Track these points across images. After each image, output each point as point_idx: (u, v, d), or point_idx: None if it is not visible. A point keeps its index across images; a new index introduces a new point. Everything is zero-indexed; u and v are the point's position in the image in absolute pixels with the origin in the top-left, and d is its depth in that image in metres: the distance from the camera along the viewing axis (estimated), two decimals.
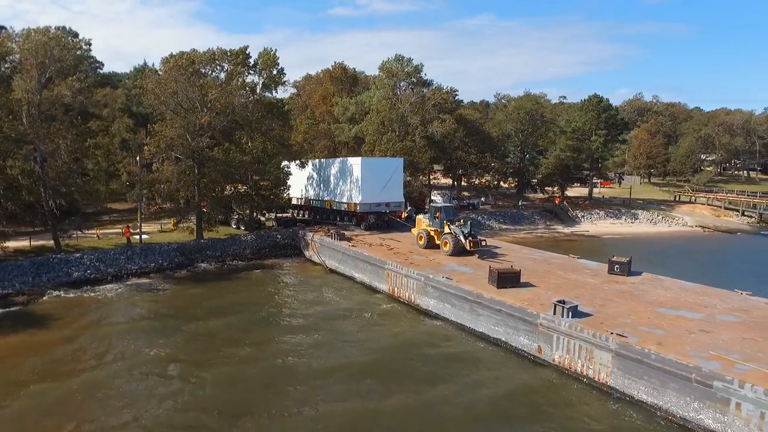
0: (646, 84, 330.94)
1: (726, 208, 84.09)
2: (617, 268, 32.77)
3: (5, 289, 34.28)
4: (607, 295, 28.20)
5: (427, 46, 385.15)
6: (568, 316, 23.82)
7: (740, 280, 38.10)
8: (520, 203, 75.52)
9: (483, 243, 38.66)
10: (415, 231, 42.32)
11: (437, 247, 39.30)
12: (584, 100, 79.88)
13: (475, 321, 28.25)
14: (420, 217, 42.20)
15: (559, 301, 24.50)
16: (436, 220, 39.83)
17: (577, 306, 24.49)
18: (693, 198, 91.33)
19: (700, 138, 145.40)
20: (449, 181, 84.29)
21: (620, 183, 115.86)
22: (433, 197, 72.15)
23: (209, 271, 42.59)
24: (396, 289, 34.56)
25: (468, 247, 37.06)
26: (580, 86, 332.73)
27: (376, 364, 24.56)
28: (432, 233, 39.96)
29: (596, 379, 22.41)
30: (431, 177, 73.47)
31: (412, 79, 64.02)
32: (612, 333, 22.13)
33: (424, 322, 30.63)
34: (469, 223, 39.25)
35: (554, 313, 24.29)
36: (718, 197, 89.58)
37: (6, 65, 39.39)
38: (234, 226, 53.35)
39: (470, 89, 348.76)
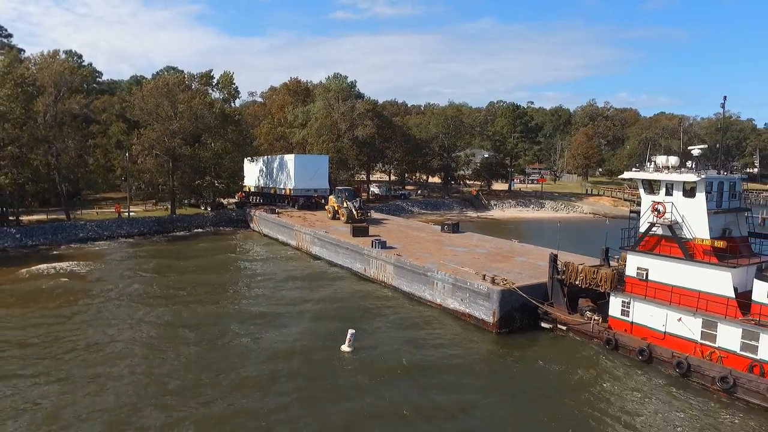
0: (646, 88, 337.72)
1: (625, 200, 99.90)
2: (446, 228, 48.72)
3: (34, 242, 50.59)
4: (421, 241, 44.01)
5: (428, 49, 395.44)
6: (378, 248, 39.57)
7: (554, 241, 53.58)
8: (446, 195, 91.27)
9: (369, 214, 54.54)
10: (328, 207, 58.10)
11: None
12: (503, 106, 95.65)
13: (337, 257, 44.12)
14: (331, 197, 58.02)
15: (375, 239, 40.32)
16: (340, 198, 55.63)
17: (385, 242, 40.35)
18: (602, 191, 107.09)
19: (642, 141, 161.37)
20: (395, 176, 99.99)
21: (555, 180, 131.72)
22: (372, 188, 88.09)
23: (178, 235, 58.46)
24: (300, 243, 50.48)
25: (356, 216, 52.79)
26: (580, 90, 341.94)
27: (282, 280, 40.11)
28: (336, 208, 55.74)
29: (388, 282, 38.13)
30: (370, 173, 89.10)
31: (352, 92, 79.89)
32: (395, 254, 37.89)
33: (312, 262, 46.50)
34: (360, 200, 55.13)
35: (372, 247, 40.06)
36: (621, 191, 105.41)
37: (33, 87, 54.81)
38: (202, 208, 69.10)
39: (471, 92, 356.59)
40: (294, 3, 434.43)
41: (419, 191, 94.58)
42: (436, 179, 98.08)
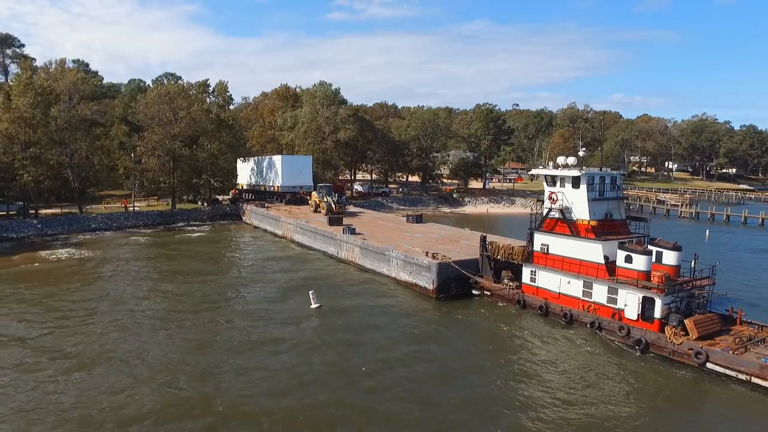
0: (640, 89, 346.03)
1: None
2: (410, 219, 56.44)
3: (53, 231, 58.05)
4: (386, 229, 51.64)
5: (423, 50, 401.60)
6: (348, 233, 47.18)
7: (508, 230, 61.32)
8: (424, 193, 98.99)
9: (346, 208, 62.15)
10: (311, 202, 65.71)
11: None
12: (475, 107, 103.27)
13: (314, 242, 51.74)
14: (313, 193, 65.62)
15: (346, 226, 47.95)
16: (321, 194, 63.24)
17: (355, 228, 47.97)
18: None
19: (619, 142, 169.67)
20: (376, 175, 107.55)
21: (532, 179, 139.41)
22: (356, 186, 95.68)
23: (178, 226, 65.97)
24: (285, 232, 58.09)
25: (335, 209, 60.36)
26: (574, 90, 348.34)
27: (271, 259, 47.85)
28: (318, 202, 63.33)
29: (355, 261, 45.70)
30: (356, 172, 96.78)
31: (337, 98, 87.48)
32: (361, 239, 45.49)
33: (294, 247, 54.11)
34: (338, 195, 62.76)
35: (343, 232, 47.67)
36: None
37: (50, 96, 62.12)
38: (199, 204, 76.58)
39: (466, 93, 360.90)
40: (290, 4, 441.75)
41: (399, 189, 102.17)
42: (416, 178, 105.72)
